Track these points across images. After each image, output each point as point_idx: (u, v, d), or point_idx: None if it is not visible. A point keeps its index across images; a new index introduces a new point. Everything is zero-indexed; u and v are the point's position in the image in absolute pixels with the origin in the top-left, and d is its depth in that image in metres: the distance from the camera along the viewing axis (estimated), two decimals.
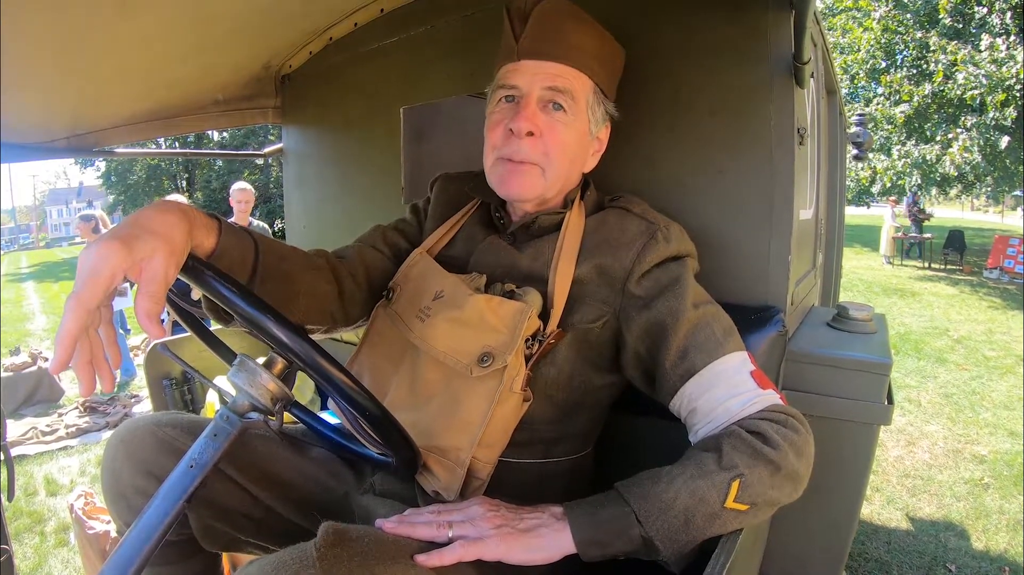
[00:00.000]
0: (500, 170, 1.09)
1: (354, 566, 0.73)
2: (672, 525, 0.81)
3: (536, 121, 1.05)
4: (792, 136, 1.18)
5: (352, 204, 2.07)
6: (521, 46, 1.06)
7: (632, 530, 0.82)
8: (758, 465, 0.83)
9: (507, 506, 0.89)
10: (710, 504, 0.81)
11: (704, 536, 0.82)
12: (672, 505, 0.81)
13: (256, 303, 0.74)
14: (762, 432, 0.86)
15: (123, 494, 1.06)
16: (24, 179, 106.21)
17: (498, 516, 0.86)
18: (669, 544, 0.81)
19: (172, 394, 1.99)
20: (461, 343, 1.02)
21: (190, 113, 2.04)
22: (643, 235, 1.05)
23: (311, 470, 1.17)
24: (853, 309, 1.47)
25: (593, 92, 1.09)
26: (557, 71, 1.05)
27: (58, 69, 1.36)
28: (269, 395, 0.83)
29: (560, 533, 0.84)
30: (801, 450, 0.87)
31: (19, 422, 4.76)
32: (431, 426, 0.99)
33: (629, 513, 0.82)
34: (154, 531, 0.78)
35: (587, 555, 0.84)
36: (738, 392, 0.92)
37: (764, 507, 0.85)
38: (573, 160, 1.10)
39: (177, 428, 1.08)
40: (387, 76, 1.86)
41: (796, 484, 0.87)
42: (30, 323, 10.33)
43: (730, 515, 0.82)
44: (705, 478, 0.83)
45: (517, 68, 1.07)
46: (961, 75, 9.30)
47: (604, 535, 0.83)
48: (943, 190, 12.52)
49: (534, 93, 1.05)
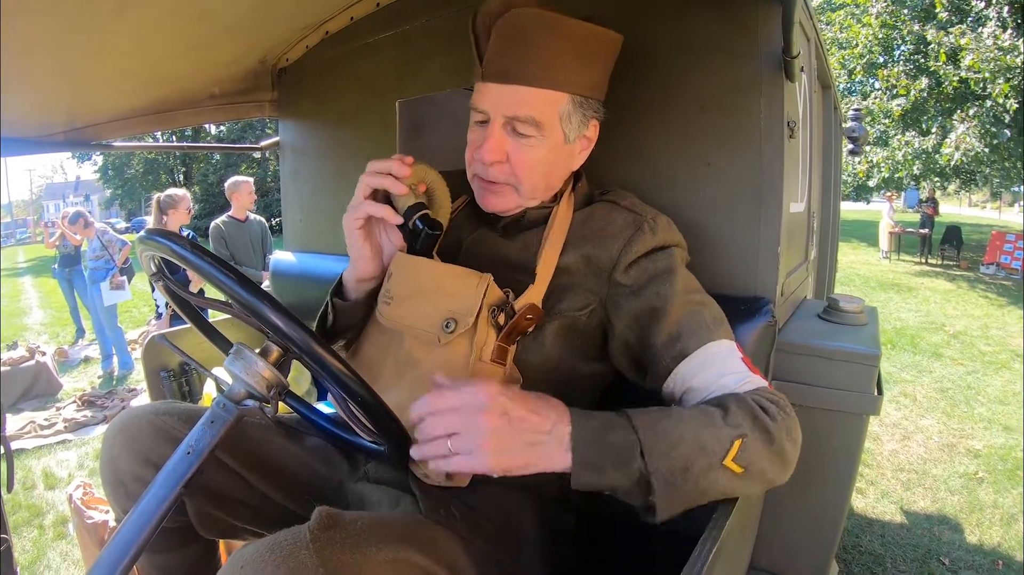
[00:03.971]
0: (476, 186, 1.13)
1: (347, 548, 0.75)
2: (672, 467, 0.80)
3: (502, 147, 1.04)
4: (782, 130, 1.20)
5: (348, 197, 2.05)
6: (486, 67, 1.03)
7: (633, 463, 0.80)
8: (757, 430, 0.84)
9: (515, 402, 0.82)
10: (710, 456, 0.81)
11: (695, 490, 0.81)
12: (677, 446, 0.80)
13: (252, 289, 0.75)
14: (762, 405, 0.87)
15: (121, 482, 1.07)
16: (21, 174, 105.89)
17: (502, 421, 0.80)
18: (663, 488, 0.79)
19: (170, 386, 2.00)
20: (424, 311, 1.02)
21: (187, 107, 2.04)
22: (630, 226, 1.06)
23: (306, 458, 1.19)
24: (844, 301, 1.48)
25: (568, 102, 1.05)
26: (521, 97, 1.01)
27: (55, 63, 1.36)
28: (265, 382, 0.84)
29: (559, 450, 0.81)
30: (791, 432, 0.88)
31: (17, 416, 4.77)
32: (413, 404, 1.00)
33: (635, 443, 0.80)
34: (151, 517, 0.79)
35: (579, 480, 0.81)
36: (731, 372, 0.93)
37: (755, 478, 0.85)
38: (548, 172, 1.10)
39: (175, 417, 1.09)
40: (383, 70, 1.87)
41: (784, 464, 0.87)
42: (27, 318, 10.33)
43: (724, 475, 0.82)
44: (711, 428, 0.82)
45: (483, 90, 1.05)
46: (967, 58, 9.27)
47: (604, 461, 0.80)
48: (942, 184, 12.53)
49: (498, 120, 1.04)
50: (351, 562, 0.74)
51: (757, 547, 1.40)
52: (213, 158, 27.71)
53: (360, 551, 0.76)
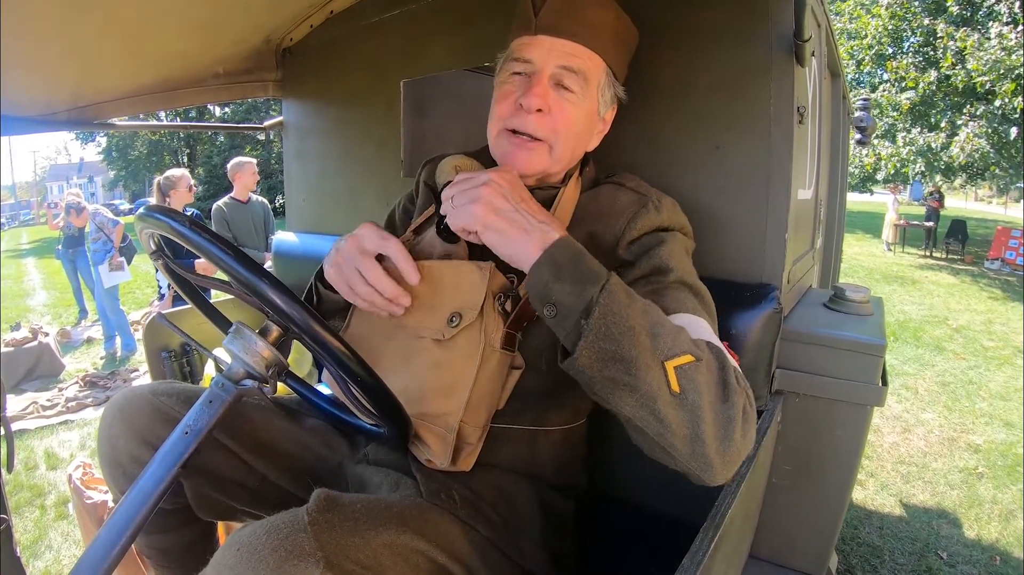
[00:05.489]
0: (505, 143, 1.07)
1: (345, 531, 0.74)
2: (619, 319, 0.74)
3: (547, 98, 1.03)
4: (791, 114, 1.18)
5: (352, 177, 2.07)
6: (540, 20, 1.04)
7: (590, 287, 0.76)
8: (716, 374, 0.78)
9: (518, 195, 0.86)
10: (657, 344, 0.75)
11: (624, 357, 0.74)
12: (635, 312, 0.76)
13: (252, 267, 0.73)
14: (735, 373, 0.81)
15: (119, 462, 1.07)
16: (25, 155, 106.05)
17: (497, 197, 0.85)
18: (598, 326, 0.74)
19: (171, 366, 2.00)
20: (428, 313, 1.00)
21: (191, 86, 2.03)
22: (634, 204, 1.05)
23: (306, 439, 1.18)
24: (850, 291, 1.46)
25: (605, 74, 1.08)
26: (573, 50, 1.03)
27: (59, 41, 1.35)
28: (264, 362, 0.83)
29: (536, 243, 0.81)
30: (748, 418, 0.79)
31: (20, 397, 4.79)
32: (419, 392, 0.99)
33: (604, 277, 0.77)
34: (149, 497, 0.79)
35: (532, 277, 0.80)
36: (710, 338, 0.86)
37: (686, 412, 0.75)
38: (579, 138, 1.09)
39: (173, 397, 1.08)
40: (388, 49, 1.85)
41: (726, 439, 0.76)
42: (30, 299, 10.34)
43: (657, 375, 0.74)
44: (673, 330, 0.78)
45: (533, 42, 1.05)
46: (971, 61, 9.22)
47: (568, 270, 0.78)
48: (947, 178, 12.49)
49: (547, 70, 1.03)
50: (349, 545, 0.74)
51: (757, 537, 1.40)
52: (217, 139, 27.69)
53: (359, 534, 0.75)
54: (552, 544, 1.06)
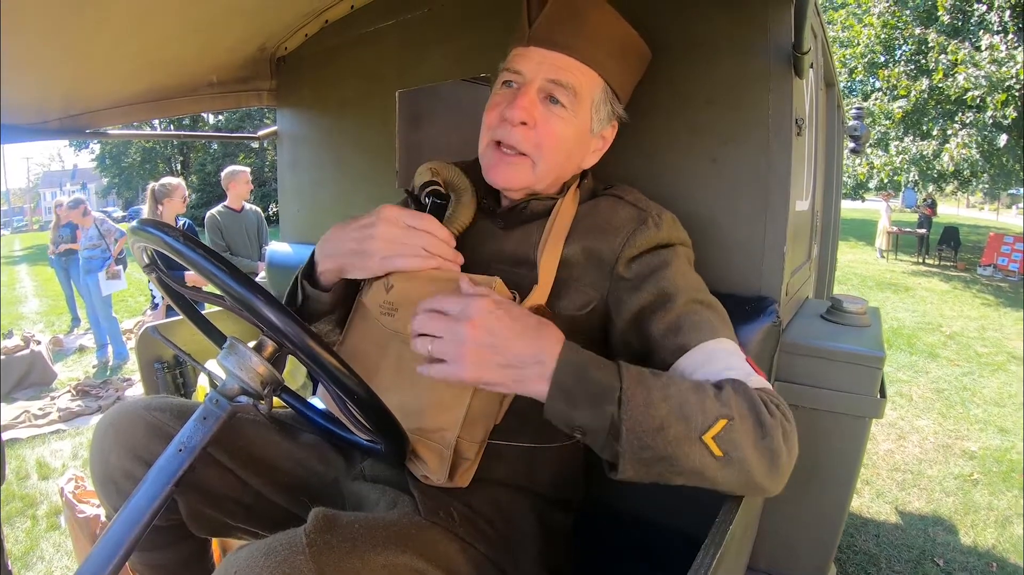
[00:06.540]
0: (490, 155, 1.07)
1: (344, 552, 0.73)
2: (646, 424, 0.74)
3: (532, 111, 1.02)
4: (790, 126, 1.18)
5: (346, 187, 2.06)
6: (534, 31, 1.03)
7: (608, 406, 0.75)
8: (749, 420, 0.78)
9: (503, 323, 0.79)
10: (690, 425, 0.75)
11: (665, 455, 0.75)
12: (657, 404, 0.75)
13: (245, 282, 0.72)
14: (763, 399, 0.82)
15: (112, 478, 1.05)
16: (18, 162, 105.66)
17: (486, 336, 0.78)
18: (631, 441, 0.74)
19: (164, 377, 1.98)
20: None
21: (184, 95, 2.02)
22: (634, 220, 1.04)
23: (301, 455, 1.17)
24: (847, 302, 1.46)
25: (602, 90, 1.06)
26: (565, 64, 1.02)
27: (52, 49, 1.34)
28: (259, 378, 0.82)
29: (538, 380, 0.78)
30: (788, 437, 0.81)
31: (11, 406, 4.74)
32: (416, 408, 0.98)
33: (616, 389, 0.76)
34: (143, 515, 0.78)
35: (550, 409, 0.78)
36: (734, 368, 0.87)
37: (734, 467, 0.77)
38: (569, 155, 1.08)
39: (167, 412, 1.07)
40: (383, 59, 1.85)
41: (774, 467, 0.79)
42: (23, 306, 10.27)
43: (699, 451, 0.75)
44: (698, 398, 0.77)
45: (525, 54, 1.04)
46: (961, 76, 9.28)
47: (579, 394, 0.76)
48: (939, 186, 12.57)
49: (536, 82, 1.02)
50: (348, 568, 0.73)
51: (756, 548, 1.39)
52: (211, 147, 27.69)
53: (357, 555, 0.74)
54: (551, 560, 1.05)
